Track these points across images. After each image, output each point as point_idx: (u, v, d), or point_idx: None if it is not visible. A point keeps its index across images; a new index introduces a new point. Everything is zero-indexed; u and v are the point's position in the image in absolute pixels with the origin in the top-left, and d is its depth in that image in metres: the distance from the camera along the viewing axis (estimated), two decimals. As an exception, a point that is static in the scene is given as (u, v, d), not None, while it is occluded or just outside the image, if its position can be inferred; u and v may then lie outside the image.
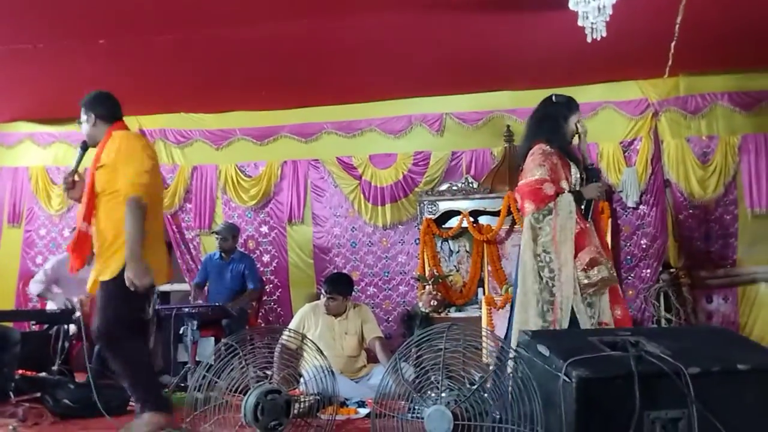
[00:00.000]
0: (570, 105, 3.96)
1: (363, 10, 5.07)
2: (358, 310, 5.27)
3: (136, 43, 5.52)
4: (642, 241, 6.57)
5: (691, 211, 6.52)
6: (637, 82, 6.65)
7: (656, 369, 2.35)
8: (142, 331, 3.81)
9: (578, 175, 3.92)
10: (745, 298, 6.39)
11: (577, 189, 3.86)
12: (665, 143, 6.60)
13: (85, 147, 3.84)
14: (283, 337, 4.18)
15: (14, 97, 6.98)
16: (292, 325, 5.19)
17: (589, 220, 3.85)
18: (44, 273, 6.22)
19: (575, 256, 3.72)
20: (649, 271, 6.52)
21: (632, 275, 6.54)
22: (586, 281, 3.70)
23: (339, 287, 5.18)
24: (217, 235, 6.73)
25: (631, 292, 6.46)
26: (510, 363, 2.68)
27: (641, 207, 6.58)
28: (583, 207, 3.83)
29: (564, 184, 3.83)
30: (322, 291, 5.26)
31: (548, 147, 3.86)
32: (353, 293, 5.53)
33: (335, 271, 6.96)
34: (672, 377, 2.32)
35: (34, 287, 6.22)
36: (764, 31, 5.40)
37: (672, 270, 6.40)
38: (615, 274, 3.80)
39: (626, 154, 6.66)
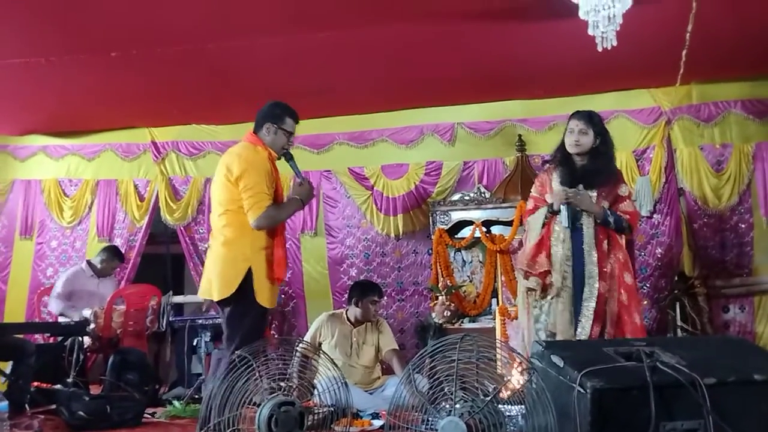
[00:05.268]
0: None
1: (374, 22, 5.09)
2: (376, 322, 5.28)
3: (147, 55, 5.54)
4: (657, 251, 6.53)
5: (705, 219, 6.47)
6: (649, 90, 6.62)
7: (672, 379, 2.34)
8: None
9: (559, 187, 4.04)
10: (762, 307, 6.31)
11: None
12: (678, 151, 6.56)
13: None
14: (301, 347, 4.18)
15: (27, 110, 7.02)
16: (309, 333, 5.22)
17: (566, 227, 3.97)
18: (60, 291, 6.29)
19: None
20: (663, 280, 6.46)
21: (647, 285, 6.49)
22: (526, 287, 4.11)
23: (381, 290, 5.35)
24: None
25: (646, 301, 6.40)
26: None
27: (655, 216, 6.53)
28: (562, 218, 3.98)
29: (548, 197, 4.11)
30: (368, 298, 5.22)
31: (549, 164, 4.25)
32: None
33: (349, 282, 6.94)
34: (688, 388, 2.31)
35: (54, 307, 6.30)
36: (777, 39, 5.38)
37: (687, 279, 6.35)
38: (556, 283, 3.98)
39: (639, 163, 6.62)
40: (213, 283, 3.66)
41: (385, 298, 7.08)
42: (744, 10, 4.99)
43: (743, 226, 6.42)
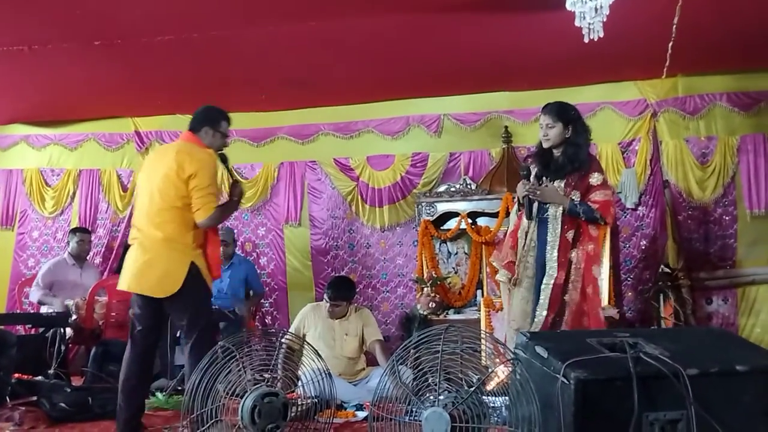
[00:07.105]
0: None
1: (360, 13, 5.06)
2: (360, 313, 5.24)
3: (131, 44, 5.49)
4: (641, 242, 6.55)
5: (690, 212, 6.50)
6: (636, 82, 6.63)
7: (655, 370, 2.34)
8: None
9: (529, 179, 4.05)
10: (745, 299, 6.35)
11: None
12: (664, 144, 6.58)
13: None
14: (286, 338, 4.16)
15: (9, 99, 6.95)
16: (293, 325, 5.18)
17: (532, 219, 4.00)
18: (39, 281, 6.26)
19: None
20: (648, 272, 6.48)
21: (631, 276, 6.52)
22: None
23: (342, 292, 5.14)
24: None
25: (630, 293, 6.44)
26: None
27: (640, 208, 6.55)
28: (529, 209, 4.00)
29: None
30: (325, 297, 5.21)
31: (530, 159, 4.35)
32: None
33: (333, 273, 6.93)
34: (670, 378, 2.31)
35: (33, 295, 6.26)
36: (762, 32, 5.38)
37: (671, 271, 6.37)
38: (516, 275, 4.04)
39: (625, 155, 6.64)
40: (157, 279, 3.73)
41: (370, 289, 7.09)
42: (730, 3, 5.00)
43: (727, 218, 6.44)
